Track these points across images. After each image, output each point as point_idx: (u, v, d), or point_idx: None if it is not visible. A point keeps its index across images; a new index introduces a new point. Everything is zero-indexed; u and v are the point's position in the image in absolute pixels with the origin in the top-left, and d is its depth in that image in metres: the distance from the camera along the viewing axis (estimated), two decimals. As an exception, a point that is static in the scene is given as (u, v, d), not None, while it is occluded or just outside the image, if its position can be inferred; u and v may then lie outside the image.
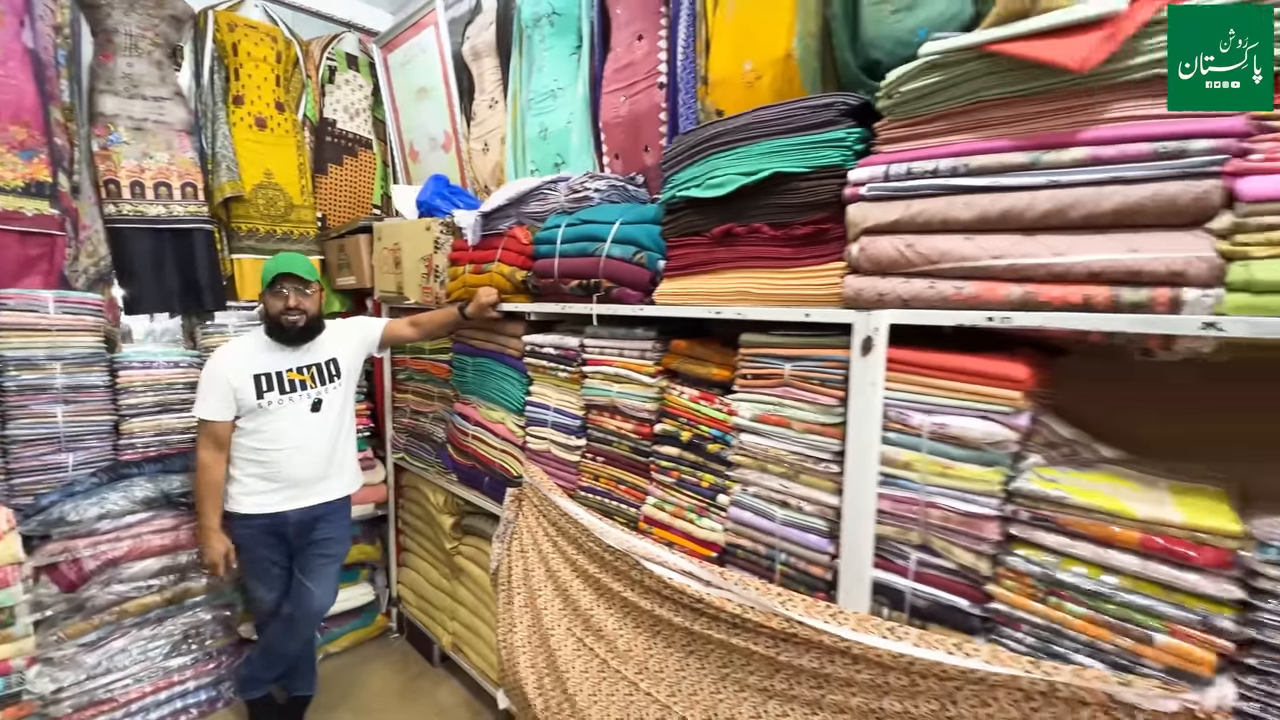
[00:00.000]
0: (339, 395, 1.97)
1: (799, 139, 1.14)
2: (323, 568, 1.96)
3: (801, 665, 1.07)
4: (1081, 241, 0.83)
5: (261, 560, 1.90)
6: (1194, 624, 0.77)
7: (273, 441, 1.84)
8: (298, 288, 1.83)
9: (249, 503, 1.85)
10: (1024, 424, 0.91)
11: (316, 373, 1.93)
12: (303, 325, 1.84)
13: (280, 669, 2.03)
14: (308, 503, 1.91)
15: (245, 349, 1.88)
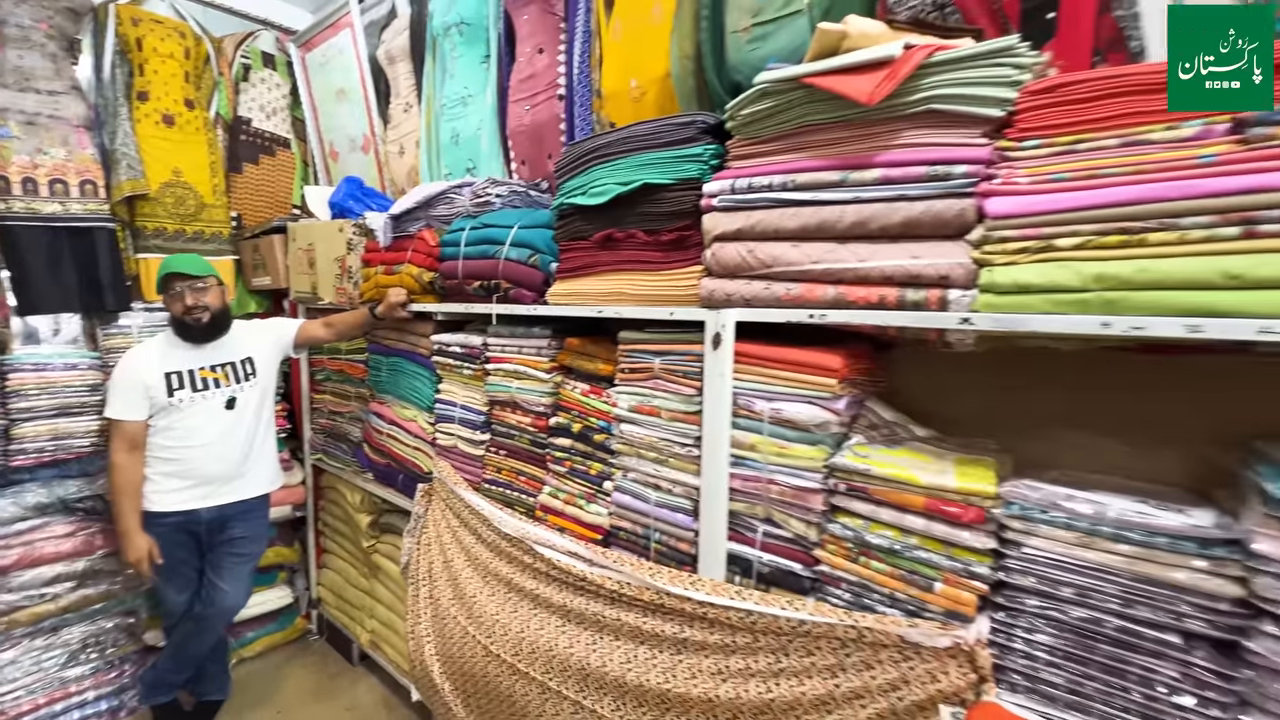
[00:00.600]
0: (255, 394, 1.98)
1: (665, 153, 1.26)
2: (235, 566, 1.96)
3: (664, 633, 1.18)
4: (879, 249, 0.97)
5: (172, 560, 1.88)
6: (961, 572, 0.91)
7: (185, 439, 1.84)
8: (191, 285, 1.83)
9: (161, 501, 1.85)
10: (842, 408, 1.05)
11: (231, 370, 1.94)
12: (208, 321, 1.85)
13: (189, 671, 2.01)
14: (221, 501, 1.91)
15: (157, 348, 1.88)
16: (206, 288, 1.86)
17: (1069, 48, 1.00)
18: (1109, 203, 0.77)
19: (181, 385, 1.84)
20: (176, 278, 1.82)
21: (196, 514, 1.88)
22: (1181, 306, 0.73)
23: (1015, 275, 0.84)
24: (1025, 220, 0.83)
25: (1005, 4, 1.03)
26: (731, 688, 1.10)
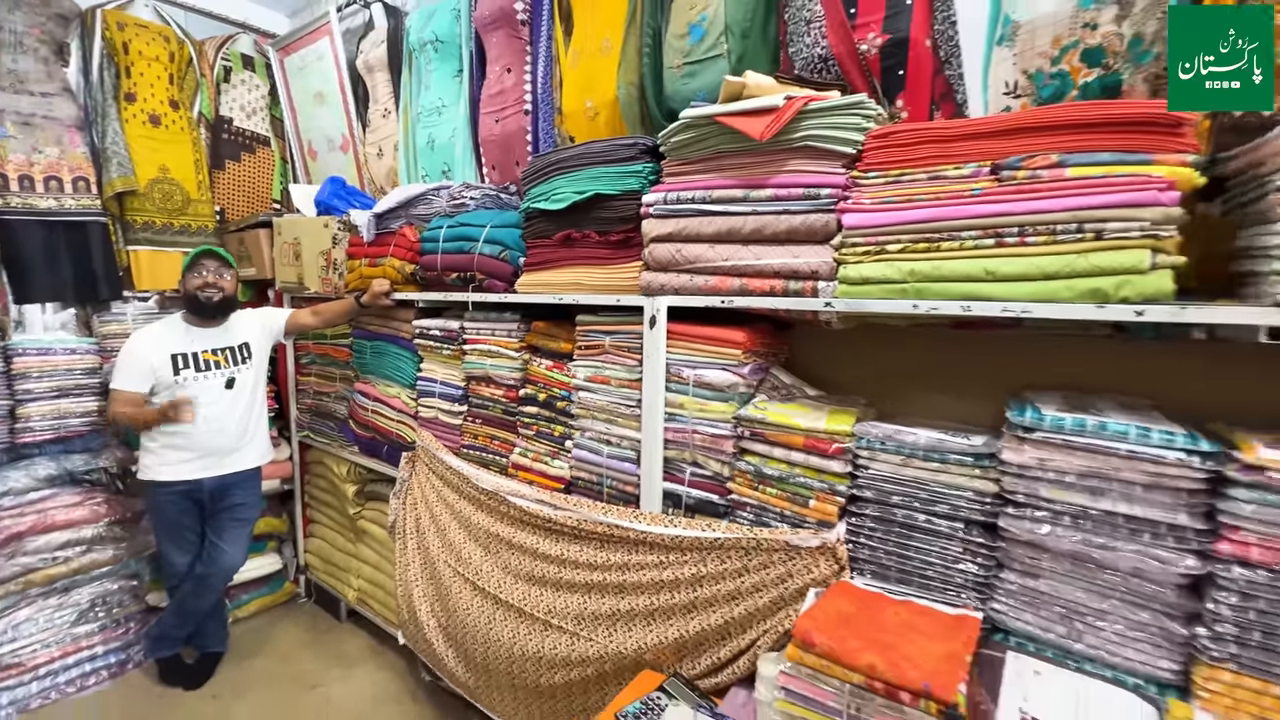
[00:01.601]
0: (251, 375, 2.20)
1: (613, 168, 1.54)
2: (234, 529, 2.19)
3: (613, 560, 1.47)
4: (771, 250, 1.28)
5: (177, 525, 2.10)
6: (828, 491, 1.23)
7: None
8: (219, 266, 2.08)
9: (166, 471, 2.05)
10: (746, 373, 1.36)
11: (230, 354, 2.15)
12: (219, 300, 2.06)
13: (191, 627, 2.23)
14: (222, 471, 2.13)
15: (164, 330, 2.08)
16: (227, 277, 2.11)
17: (914, 98, 1.32)
18: (918, 220, 1.09)
19: (186, 366, 2.04)
20: (210, 255, 2.08)
21: (200, 483, 2.09)
22: (960, 293, 1.05)
23: (860, 271, 1.15)
24: (867, 231, 1.14)
25: (870, 62, 1.34)
26: (668, 595, 1.40)
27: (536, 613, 1.62)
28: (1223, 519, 0.86)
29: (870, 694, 0.91)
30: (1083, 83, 1.13)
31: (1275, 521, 0.82)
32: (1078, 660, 1.00)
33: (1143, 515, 0.92)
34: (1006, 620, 1.06)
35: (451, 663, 1.89)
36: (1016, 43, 1.18)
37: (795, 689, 0.99)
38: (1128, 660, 0.95)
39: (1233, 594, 0.86)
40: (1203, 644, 0.88)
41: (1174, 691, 0.93)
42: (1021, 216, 0.99)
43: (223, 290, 2.08)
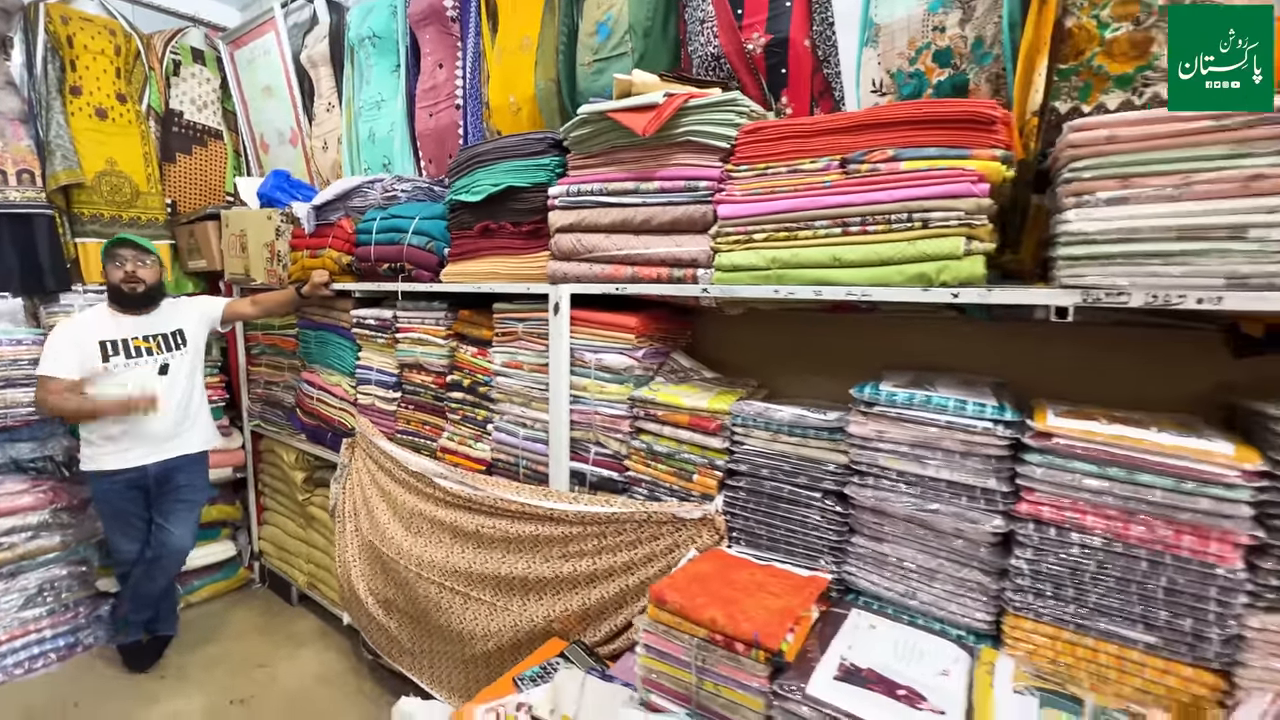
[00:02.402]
0: (185, 362, 2.22)
1: (524, 162, 1.60)
2: (181, 512, 2.23)
3: (525, 534, 1.55)
4: (658, 239, 1.35)
5: (123, 513, 2.14)
6: (709, 466, 1.32)
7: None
8: (136, 255, 2.06)
9: (109, 460, 2.07)
10: (640, 356, 1.43)
11: (163, 340, 2.17)
12: (142, 292, 2.08)
13: (149, 611, 2.28)
14: (164, 456, 2.15)
15: (93, 318, 2.09)
16: (148, 263, 2.10)
17: (796, 95, 1.39)
18: (779, 210, 1.16)
19: (116, 353, 2.06)
20: (124, 244, 2.06)
21: (144, 469, 2.12)
22: (813, 279, 1.13)
23: (732, 259, 1.23)
24: (738, 221, 1.22)
25: (756, 60, 1.41)
26: (571, 565, 1.48)
27: (457, 587, 1.70)
28: (1021, 482, 0.95)
29: (713, 646, 1.00)
30: (936, 81, 1.21)
31: (1061, 483, 0.91)
32: (913, 615, 1.08)
33: (961, 480, 1.00)
34: (856, 580, 1.15)
35: (389, 637, 1.97)
36: (879, 44, 1.26)
37: (653, 644, 1.07)
38: (953, 614, 1.04)
39: (1029, 550, 0.94)
40: (1008, 596, 0.97)
41: (990, 640, 1.02)
42: (863, 207, 1.07)
43: (145, 281, 2.09)
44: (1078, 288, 0.88)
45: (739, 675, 0.97)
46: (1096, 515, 0.88)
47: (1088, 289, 0.87)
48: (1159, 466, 0.83)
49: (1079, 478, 0.89)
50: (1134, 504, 0.86)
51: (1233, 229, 0.78)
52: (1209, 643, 0.83)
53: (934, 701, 0.87)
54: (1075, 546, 0.91)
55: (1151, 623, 0.86)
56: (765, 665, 0.94)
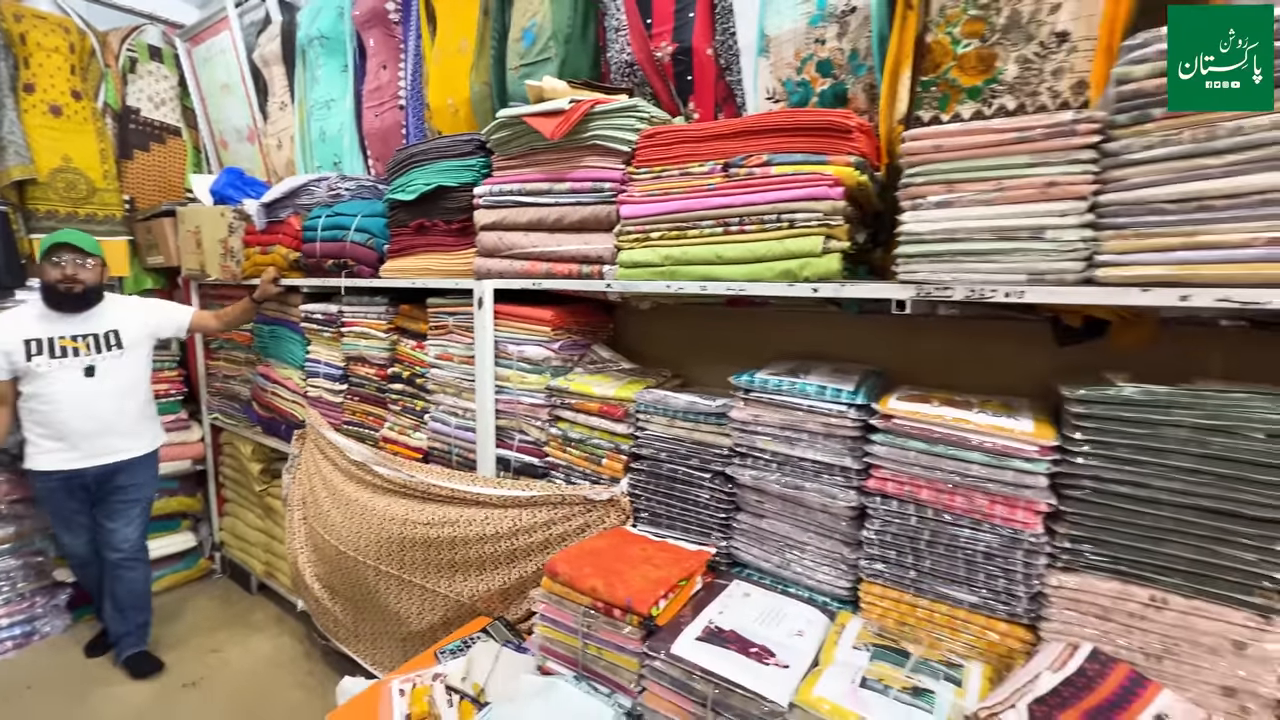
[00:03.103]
0: (119, 364, 2.17)
1: (454, 162, 1.68)
2: (122, 509, 2.22)
3: (450, 516, 1.62)
4: (569, 238, 1.43)
5: (63, 510, 2.15)
6: (615, 450, 1.40)
7: (49, 402, 2.05)
8: (75, 259, 2.02)
9: (45, 460, 2.08)
10: (557, 348, 1.51)
11: (92, 341, 2.12)
12: (79, 293, 2.03)
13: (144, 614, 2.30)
14: (102, 461, 2.13)
15: (22, 316, 2.07)
16: (88, 265, 2.05)
17: (702, 100, 1.48)
18: (671, 211, 1.25)
19: (40, 352, 2.03)
20: (65, 248, 2.00)
21: (81, 473, 2.11)
22: (700, 275, 1.21)
23: (632, 256, 1.31)
24: (637, 220, 1.30)
25: (665, 68, 1.49)
26: (493, 546, 1.56)
27: (391, 570, 1.77)
28: (869, 460, 1.04)
29: (596, 613, 1.08)
30: (820, 90, 1.30)
31: (900, 460, 1.00)
32: (786, 584, 1.18)
33: (823, 459, 1.09)
34: (740, 554, 1.24)
35: (335, 620, 2.04)
36: (771, 54, 1.35)
37: (548, 614, 1.16)
38: (820, 582, 1.14)
39: (878, 521, 1.04)
40: (862, 565, 1.07)
41: (851, 605, 1.11)
42: (741, 208, 1.16)
43: (84, 283, 2.04)
44: (912, 283, 0.97)
45: (616, 639, 1.06)
46: (929, 488, 0.98)
47: (920, 284, 0.96)
48: (975, 444, 0.93)
49: (914, 455, 0.98)
50: (958, 477, 0.95)
51: (1033, 230, 0.88)
52: (1019, 600, 0.93)
53: (781, 657, 0.96)
54: (913, 517, 1.00)
55: (974, 584, 0.96)
56: (638, 629, 1.03)
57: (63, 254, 2.01)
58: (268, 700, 2.14)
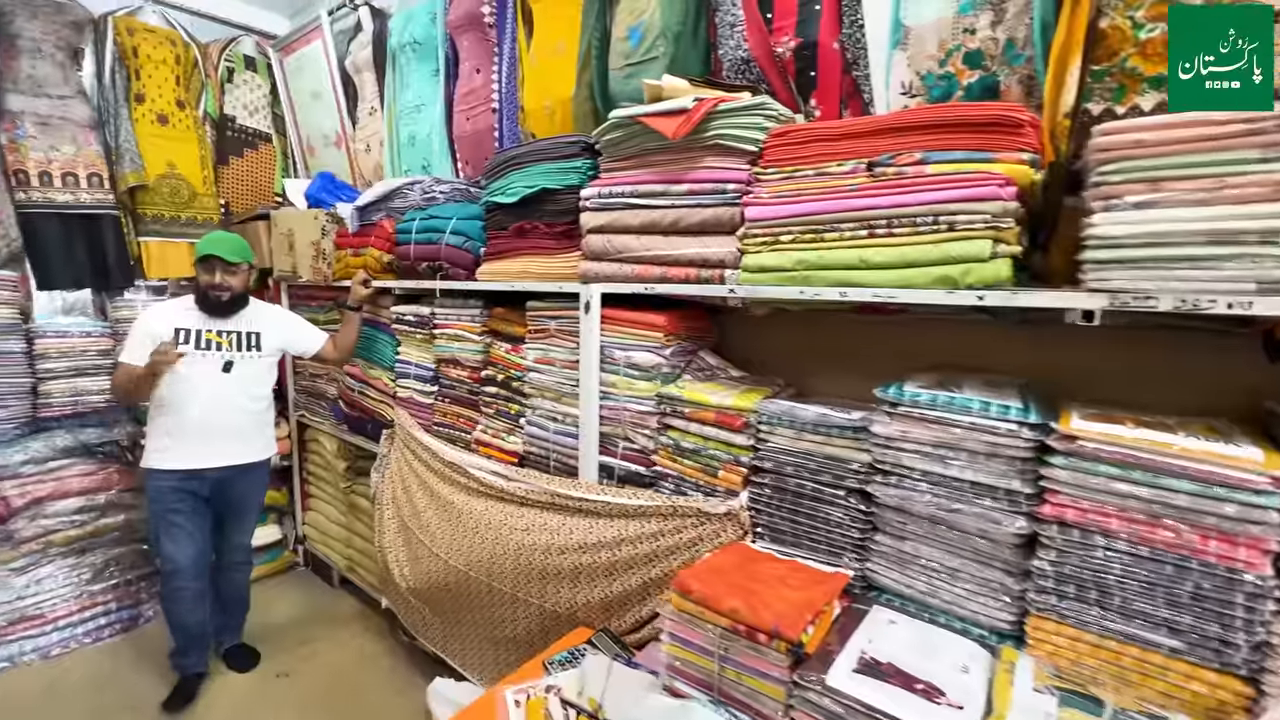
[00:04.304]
0: (253, 366, 2.16)
1: (558, 164, 1.66)
2: (237, 517, 2.24)
3: (550, 523, 1.60)
4: (686, 241, 1.38)
5: (173, 513, 2.05)
6: (734, 462, 1.35)
7: (183, 395, 2.03)
8: (224, 267, 2.06)
9: (165, 458, 2.04)
10: (668, 354, 1.47)
11: (235, 339, 2.13)
12: (226, 300, 2.08)
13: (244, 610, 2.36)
14: (221, 463, 2.09)
15: (176, 308, 2.12)
16: (236, 272, 2.09)
17: (825, 97, 1.41)
18: (806, 213, 1.18)
19: (186, 340, 2.04)
20: (214, 259, 2.05)
21: (199, 474, 2.07)
22: (839, 280, 1.15)
23: (759, 260, 1.25)
24: (764, 223, 1.24)
25: (786, 64, 1.43)
26: (592, 556, 1.53)
27: (484, 574, 1.77)
28: (1045, 484, 0.95)
29: (735, 636, 1.03)
30: (966, 84, 1.21)
31: (1085, 486, 0.91)
32: (934, 613, 1.10)
33: (984, 480, 1.01)
34: (878, 578, 1.16)
35: (424, 621, 2.06)
36: (909, 46, 1.27)
37: (678, 633, 1.11)
38: (974, 613, 1.05)
39: (1053, 552, 0.95)
40: (1031, 597, 0.98)
41: (1011, 640, 1.02)
42: (889, 209, 1.09)
43: (230, 289, 2.08)
44: (1105, 291, 0.88)
45: (760, 664, 1.00)
46: (1121, 519, 0.89)
47: (1115, 293, 0.87)
48: (1185, 471, 0.83)
49: (1103, 481, 0.89)
50: (1159, 508, 0.86)
51: (1264, 233, 0.78)
52: (1236, 649, 0.83)
53: (953, 696, 0.88)
54: (1099, 550, 0.91)
55: (1176, 627, 0.86)
56: (786, 656, 0.97)
57: (211, 263, 2.06)
58: (358, 694, 2.17)
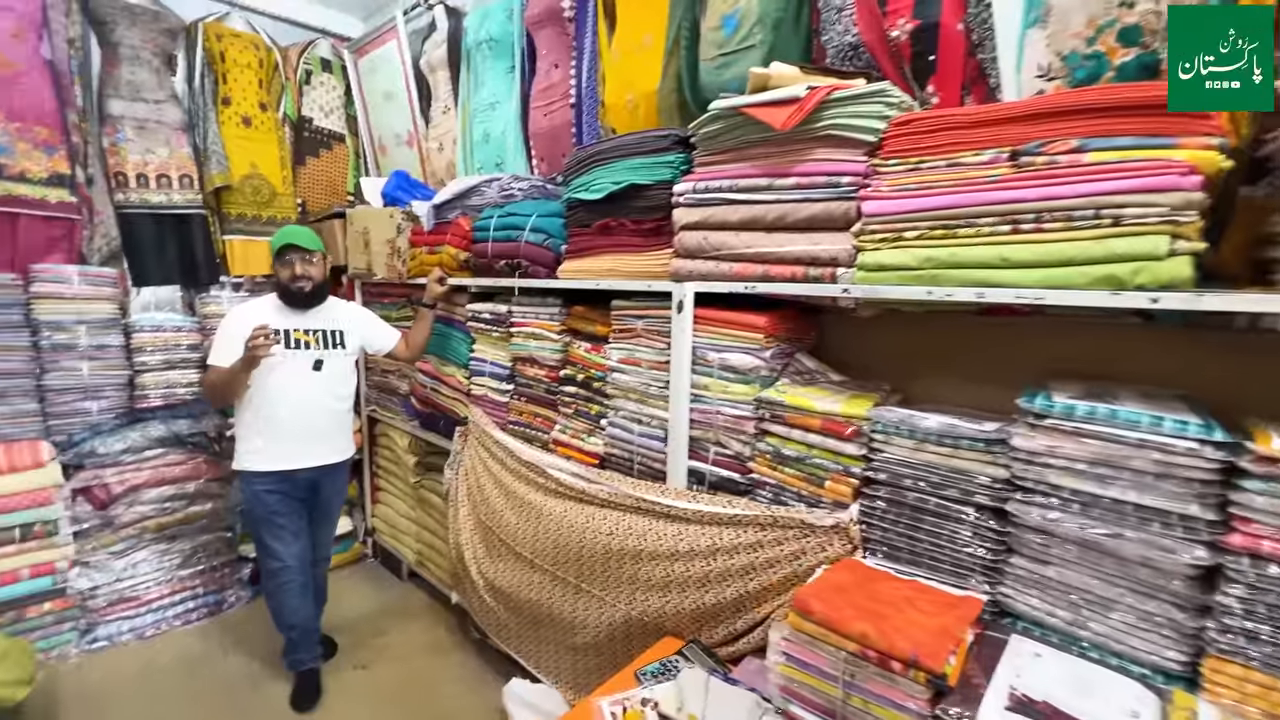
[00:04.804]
0: (340, 364, 2.16)
1: (647, 159, 1.60)
2: (323, 517, 2.24)
3: (636, 528, 1.56)
4: (792, 237, 1.31)
5: (273, 515, 2.04)
6: (842, 472, 1.27)
7: (274, 396, 2.01)
8: (302, 257, 2.04)
9: (258, 460, 2.02)
10: (768, 356, 1.40)
11: (322, 336, 2.12)
12: (309, 290, 2.06)
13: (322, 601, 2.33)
14: (312, 463, 2.08)
15: (260, 308, 2.08)
16: (313, 261, 2.07)
17: (945, 82, 1.31)
18: (936, 207, 1.10)
19: (277, 341, 1.97)
20: (291, 249, 2.03)
21: (293, 474, 2.05)
22: (975, 280, 1.05)
23: (878, 258, 1.17)
24: (885, 218, 1.16)
25: (901, 48, 1.34)
26: (685, 565, 1.48)
27: (567, 576, 1.74)
28: (1234, 510, 0.84)
29: (864, 662, 0.96)
30: (1119, 63, 1.10)
31: (1289, 515, 0.80)
32: (1083, 647, 1.00)
33: (1152, 504, 0.91)
34: (1014, 604, 1.07)
35: (498, 620, 2.05)
36: (1049, 24, 1.16)
37: (795, 654, 1.05)
38: (1134, 649, 0.95)
39: (1243, 587, 0.84)
40: (1211, 636, 0.88)
41: (1181, 682, 0.92)
42: (1038, 203, 0.99)
43: (311, 279, 2.06)
44: (1319, 294, 0.77)
45: (894, 694, 0.93)
46: (1336, 554, 0.77)
47: (1333, 295, 0.76)
48: None
49: (1313, 510, 0.78)
50: (1390, 544, 0.74)
51: None
52: None
53: (1127, 745, 0.79)
54: (1305, 587, 0.80)
55: (1406, 682, 0.75)
56: (926, 687, 0.90)
57: (289, 253, 2.04)
58: (432, 690, 2.19)
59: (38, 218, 2.39)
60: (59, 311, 2.34)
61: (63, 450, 2.28)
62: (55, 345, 2.34)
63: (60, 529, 2.23)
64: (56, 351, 2.34)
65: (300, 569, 2.11)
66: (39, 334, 2.31)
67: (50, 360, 2.34)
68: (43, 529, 2.19)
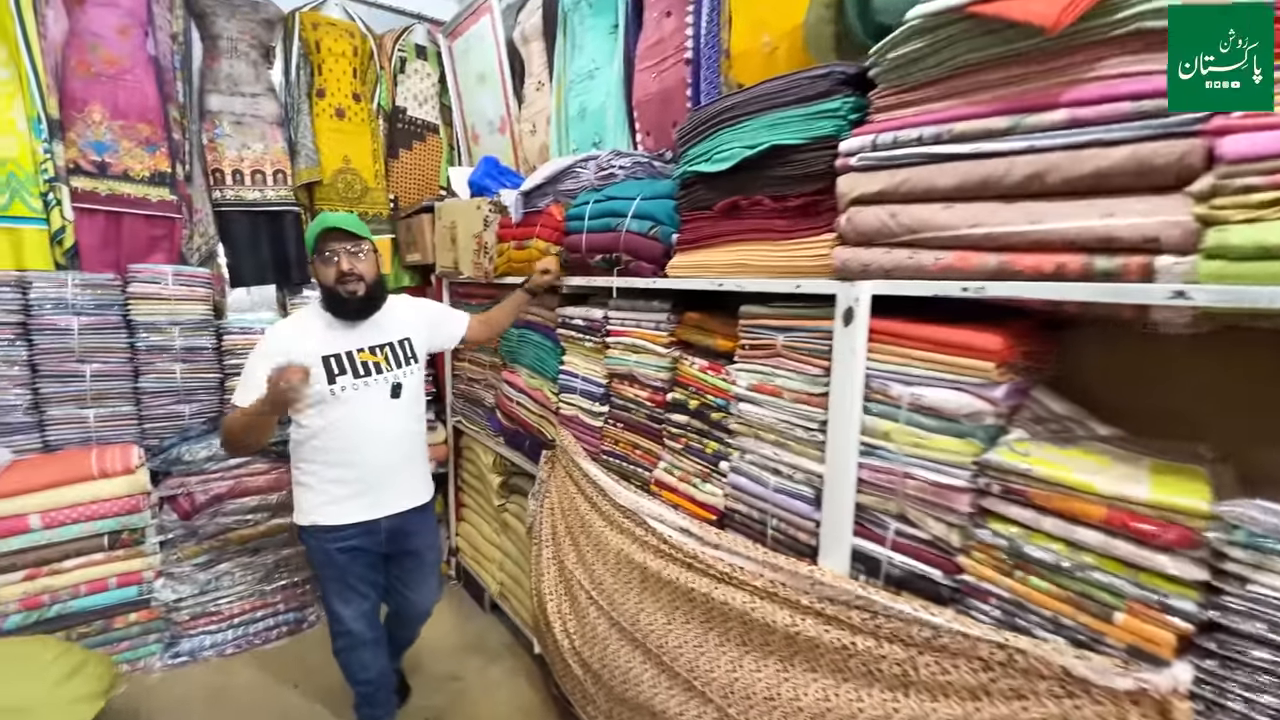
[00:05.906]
0: (415, 381, 1.76)
1: (797, 110, 1.15)
2: (419, 574, 1.85)
3: (775, 623, 1.12)
4: (1058, 208, 0.81)
5: (348, 574, 1.67)
6: (1154, 604, 0.75)
7: (349, 435, 1.62)
8: (347, 248, 1.57)
9: (333, 512, 1.63)
10: (1000, 396, 0.90)
11: (391, 353, 1.70)
12: (363, 294, 1.60)
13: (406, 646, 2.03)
14: (395, 509, 1.71)
15: (305, 327, 1.63)
16: (362, 253, 1.60)
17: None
18: None
19: (343, 371, 1.59)
20: (333, 235, 1.56)
21: (376, 525, 1.67)
22: None
23: (1256, 236, 0.65)
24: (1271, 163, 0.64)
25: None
26: (851, 690, 1.02)
27: (677, 668, 1.33)
28: None
29: None
30: None
31: None
32: None
33: None
34: None
35: (584, 690, 1.68)
36: None
37: None
38: None
39: None
40: None
41: None
42: None
43: (363, 278, 1.59)
44: None
45: None
46: None
47: None
48: None
49: None
50: None
51: None
52: None
53: None
54: None
55: None
56: None
57: (330, 243, 1.57)
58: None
59: (140, 217, 2.34)
60: (154, 312, 2.28)
61: (152, 456, 2.21)
62: (150, 347, 2.28)
63: (147, 537, 2.15)
64: (152, 353, 2.29)
65: (369, 627, 1.77)
66: (136, 335, 2.26)
67: (145, 362, 2.28)
68: (130, 537, 2.12)
